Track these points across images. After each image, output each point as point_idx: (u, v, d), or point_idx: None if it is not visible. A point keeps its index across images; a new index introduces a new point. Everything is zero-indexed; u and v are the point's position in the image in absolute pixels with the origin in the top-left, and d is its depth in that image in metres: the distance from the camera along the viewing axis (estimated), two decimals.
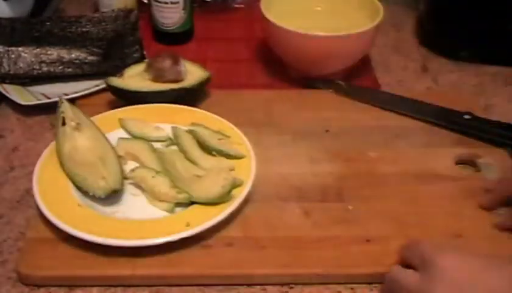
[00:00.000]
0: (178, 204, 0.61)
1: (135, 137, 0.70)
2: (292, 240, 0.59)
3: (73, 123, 0.67)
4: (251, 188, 0.62)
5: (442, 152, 0.71)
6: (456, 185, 0.66)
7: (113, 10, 0.89)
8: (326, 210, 0.62)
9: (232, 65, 0.90)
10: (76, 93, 0.79)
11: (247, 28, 0.99)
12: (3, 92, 0.79)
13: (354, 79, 0.84)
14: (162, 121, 0.72)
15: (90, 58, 0.83)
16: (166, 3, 0.89)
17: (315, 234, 0.60)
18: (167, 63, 0.76)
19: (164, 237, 0.56)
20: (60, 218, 0.57)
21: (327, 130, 0.74)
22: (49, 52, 0.82)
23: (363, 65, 0.87)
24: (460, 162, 0.70)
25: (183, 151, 0.67)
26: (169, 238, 0.56)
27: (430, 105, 0.77)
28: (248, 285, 0.57)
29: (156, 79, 0.77)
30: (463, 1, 0.89)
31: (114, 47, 0.85)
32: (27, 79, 0.82)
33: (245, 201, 0.62)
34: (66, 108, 0.69)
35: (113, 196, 0.61)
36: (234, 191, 0.61)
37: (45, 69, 0.82)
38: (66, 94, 0.77)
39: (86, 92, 0.79)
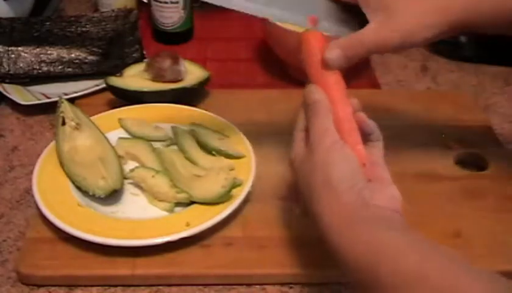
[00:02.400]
0: (178, 204, 0.61)
1: (134, 136, 0.70)
2: (292, 240, 0.59)
3: (73, 123, 0.67)
4: (251, 188, 0.62)
5: (442, 152, 0.71)
6: (456, 185, 0.66)
7: (112, 10, 0.89)
8: None
9: (232, 65, 0.90)
10: (76, 92, 0.79)
11: (247, 28, 0.99)
12: (3, 92, 0.79)
13: (354, 79, 0.84)
14: (162, 120, 0.72)
15: (90, 58, 0.83)
16: (166, 3, 0.89)
17: (315, 234, 0.60)
18: (167, 62, 0.76)
19: (164, 237, 0.56)
20: (59, 218, 0.57)
21: None
22: (48, 52, 0.82)
23: (363, 65, 0.87)
24: (460, 162, 0.70)
25: (183, 150, 0.67)
26: (169, 238, 0.56)
27: None
28: (248, 285, 0.57)
29: (156, 78, 0.77)
30: None
31: (113, 47, 0.85)
32: (27, 79, 0.82)
33: (245, 201, 0.62)
34: (66, 108, 0.69)
35: (113, 195, 0.61)
36: (234, 191, 0.61)
37: (45, 69, 0.82)
38: (66, 94, 0.77)
39: (86, 92, 0.79)
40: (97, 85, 0.80)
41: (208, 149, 0.67)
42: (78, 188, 0.62)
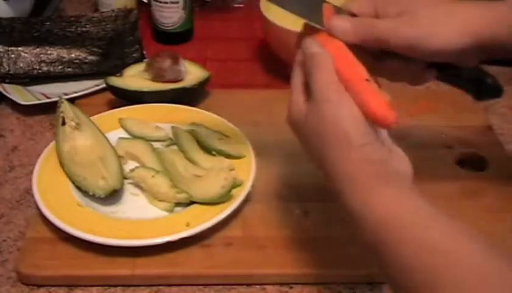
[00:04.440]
0: (178, 204, 0.61)
1: (134, 136, 0.70)
2: (292, 240, 0.59)
3: (73, 123, 0.68)
4: (251, 188, 0.62)
5: (442, 152, 0.71)
6: (456, 185, 0.66)
7: (112, 10, 0.90)
8: (326, 210, 0.62)
9: (232, 65, 0.90)
10: (76, 92, 0.79)
11: (247, 28, 0.99)
12: (3, 92, 0.79)
13: None
14: (162, 120, 0.72)
15: (90, 58, 0.83)
16: (166, 3, 0.89)
17: (315, 234, 0.60)
18: (167, 62, 0.76)
19: (164, 237, 0.56)
20: (59, 218, 0.57)
21: None
22: (48, 52, 0.82)
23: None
24: (460, 162, 0.70)
25: (183, 150, 0.67)
26: (169, 238, 0.56)
27: None
28: (248, 285, 0.57)
29: (156, 78, 0.77)
30: None
31: (114, 47, 0.85)
32: (27, 79, 0.82)
33: (245, 201, 0.62)
34: (66, 108, 0.69)
35: (113, 195, 0.61)
36: (234, 191, 0.61)
37: (45, 69, 0.82)
38: (66, 94, 0.77)
39: (86, 92, 0.79)
40: (97, 85, 0.80)
41: (208, 149, 0.67)
42: (78, 188, 0.62)
